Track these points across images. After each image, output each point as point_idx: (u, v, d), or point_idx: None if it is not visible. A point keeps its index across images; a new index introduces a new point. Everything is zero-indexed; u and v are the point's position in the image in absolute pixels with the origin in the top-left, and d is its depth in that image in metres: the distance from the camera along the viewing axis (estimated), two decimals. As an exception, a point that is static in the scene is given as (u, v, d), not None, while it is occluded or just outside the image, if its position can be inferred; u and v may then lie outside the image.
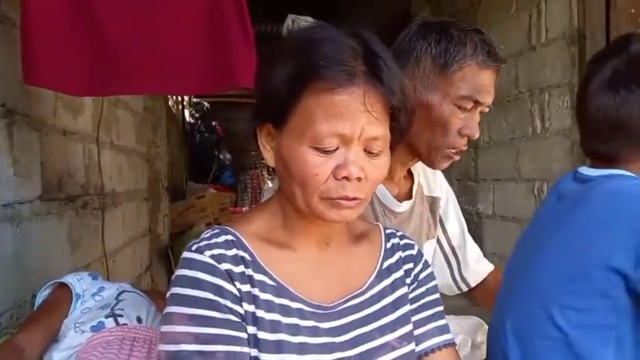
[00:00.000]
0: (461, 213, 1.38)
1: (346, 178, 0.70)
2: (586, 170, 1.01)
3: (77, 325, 1.05)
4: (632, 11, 2.42)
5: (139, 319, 1.08)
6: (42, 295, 1.16)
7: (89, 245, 2.01)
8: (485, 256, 1.49)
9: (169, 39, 1.29)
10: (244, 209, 5.20)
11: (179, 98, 5.79)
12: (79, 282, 1.16)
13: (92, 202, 2.07)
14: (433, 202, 1.28)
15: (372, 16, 5.09)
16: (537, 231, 1.06)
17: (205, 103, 6.78)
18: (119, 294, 1.16)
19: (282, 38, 0.83)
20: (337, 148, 0.70)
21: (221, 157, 6.67)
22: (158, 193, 3.72)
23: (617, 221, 0.88)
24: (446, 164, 1.09)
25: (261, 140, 0.76)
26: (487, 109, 1.07)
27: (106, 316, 1.06)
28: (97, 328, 1.03)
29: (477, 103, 1.04)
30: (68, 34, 1.21)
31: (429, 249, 1.29)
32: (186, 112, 6.54)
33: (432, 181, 1.29)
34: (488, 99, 1.05)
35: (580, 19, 2.45)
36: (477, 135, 1.06)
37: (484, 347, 1.18)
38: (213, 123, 6.85)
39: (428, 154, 1.08)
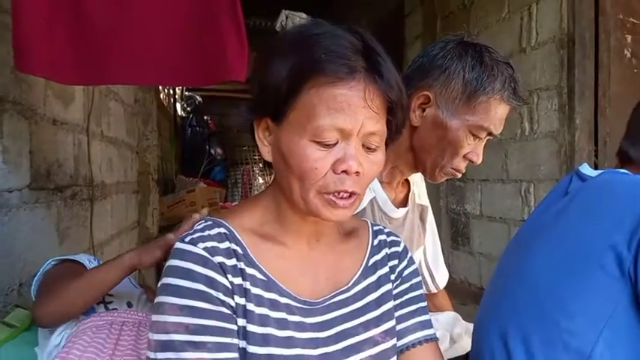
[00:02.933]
0: (435, 224, 1.42)
1: (345, 172, 0.71)
2: (585, 169, 1.03)
3: None
4: (620, 16, 2.46)
5: (129, 304, 1.09)
6: (50, 264, 1.14)
7: (77, 236, 2.01)
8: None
9: (161, 30, 1.29)
10: (234, 204, 5.20)
11: (171, 91, 5.77)
12: (89, 263, 1.16)
13: (81, 193, 2.07)
14: (423, 211, 1.32)
15: (366, 15, 5.10)
16: (533, 227, 1.08)
17: (197, 97, 6.76)
18: None
19: (279, 33, 0.83)
20: (337, 143, 0.71)
21: (212, 151, 6.66)
22: (148, 185, 3.71)
23: (608, 206, 0.90)
24: (444, 179, 1.14)
25: (258, 134, 0.77)
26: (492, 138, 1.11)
27: (97, 302, 1.07)
28: (88, 313, 1.03)
29: (489, 133, 1.08)
30: (59, 22, 1.21)
31: (419, 256, 1.32)
32: (178, 106, 6.51)
33: (421, 189, 1.33)
34: (499, 130, 1.09)
35: (570, 23, 2.49)
36: (479, 161, 1.10)
37: (462, 341, 1.20)
38: (205, 117, 6.84)
39: (432, 170, 1.12)
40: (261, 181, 7.10)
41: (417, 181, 1.29)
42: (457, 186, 3.50)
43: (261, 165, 6.98)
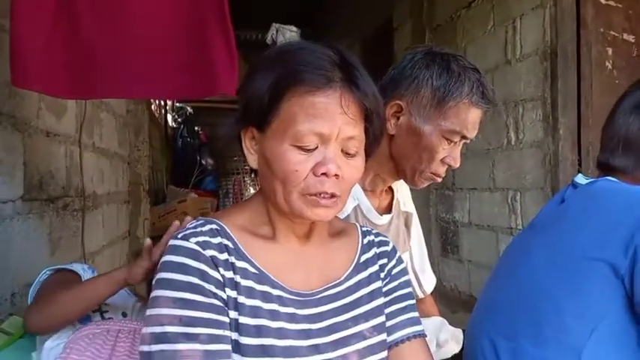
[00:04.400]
0: (421, 230, 1.45)
1: (325, 174, 0.75)
2: (579, 179, 1.09)
3: None
4: (601, 30, 2.53)
5: (124, 314, 1.11)
6: (45, 273, 1.16)
7: (69, 246, 2.02)
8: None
9: (153, 45, 1.33)
10: (212, 213, 5.20)
11: (162, 102, 5.78)
12: (84, 272, 1.18)
13: (73, 204, 2.09)
14: (407, 217, 1.35)
15: (355, 28, 5.17)
16: (530, 233, 1.13)
17: (188, 108, 6.78)
18: None
19: (266, 49, 0.88)
20: (317, 148, 0.75)
21: (203, 162, 6.67)
22: (139, 196, 3.72)
23: (603, 213, 0.96)
24: (426, 184, 1.18)
25: (245, 144, 0.81)
26: (469, 141, 1.15)
27: (93, 311, 1.08)
28: (84, 321, 1.05)
29: (463, 137, 1.12)
30: (55, 38, 1.24)
31: (405, 260, 1.35)
32: (169, 117, 6.53)
33: (406, 197, 1.37)
34: (473, 134, 1.12)
35: (552, 36, 2.55)
36: (457, 165, 1.13)
37: (448, 345, 1.23)
38: (196, 128, 6.86)
39: (412, 175, 1.15)
40: (252, 190, 7.12)
41: (402, 188, 1.33)
42: (446, 195, 3.55)
43: (252, 175, 7.00)
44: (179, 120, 6.80)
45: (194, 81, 1.31)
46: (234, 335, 0.73)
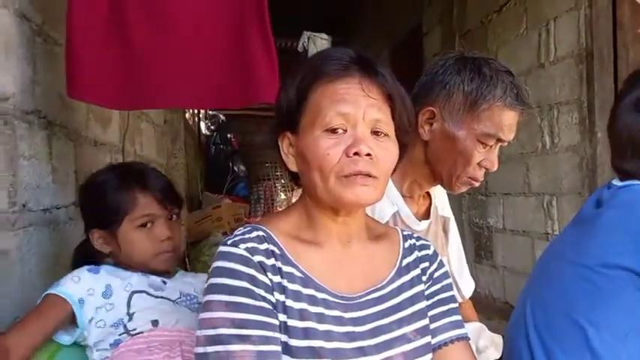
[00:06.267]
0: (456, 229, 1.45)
1: (357, 154, 0.78)
2: (615, 181, 1.08)
3: (98, 349, 1.08)
4: (638, 31, 2.49)
5: (154, 323, 1.09)
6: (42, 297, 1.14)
7: (114, 250, 2.10)
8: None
9: (197, 57, 1.39)
10: (257, 220, 5.26)
11: (196, 111, 5.92)
12: (76, 284, 1.10)
13: (117, 210, 2.17)
14: (445, 222, 1.36)
15: (385, 34, 5.19)
16: (566, 236, 1.14)
17: (221, 116, 6.91)
18: (129, 301, 1.11)
19: (298, 56, 0.97)
20: (346, 131, 0.79)
21: (235, 168, 6.77)
22: (176, 202, 3.81)
23: (627, 222, 0.96)
24: (464, 189, 1.18)
25: (283, 150, 0.86)
26: (506, 144, 1.15)
27: (120, 334, 1.08)
28: (115, 344, 1.07)
29: (499, 140, 1.12)
30: (107, 53, 1.31)
31: None
32: (202, 125, 6.66)
33: (444, 202, 1.38)
34: (509, 136, 1.12)
35: (588, 38, 2.52)
36: (494, 168, 1.13)
37: (487, 351, 1.23)
38: (229, 135, 6.98)
39: (449, 180, 1.16)
40: (283, 197, 7.18)
41: (439, 194, 1.34)
42: (479, 200, 3.52)
43: (282, 181, 7.07)
44: (212, 127, 6.93)
45: (236, 91, 1.37)
46: (284, 337, 0.77)
